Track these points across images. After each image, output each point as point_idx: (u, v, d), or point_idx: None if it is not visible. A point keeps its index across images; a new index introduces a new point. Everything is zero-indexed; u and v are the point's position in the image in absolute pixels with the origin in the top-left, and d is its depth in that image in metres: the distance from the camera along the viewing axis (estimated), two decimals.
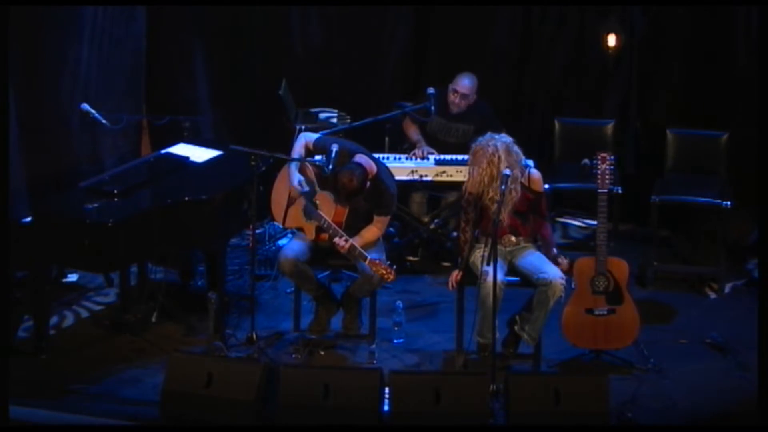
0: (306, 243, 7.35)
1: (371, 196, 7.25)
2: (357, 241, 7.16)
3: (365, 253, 7.08)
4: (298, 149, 7.42)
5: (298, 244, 7.36)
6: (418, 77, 9.13)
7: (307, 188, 7.34)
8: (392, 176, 7.49)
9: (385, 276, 7.04)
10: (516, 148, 7.05)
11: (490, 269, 6.77)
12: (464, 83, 8.34)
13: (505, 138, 7.07)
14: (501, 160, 6.95)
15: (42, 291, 7.18)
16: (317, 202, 7.36)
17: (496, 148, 6.98)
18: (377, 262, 7.06)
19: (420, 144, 8.42)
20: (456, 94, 8.34)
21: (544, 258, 7.13)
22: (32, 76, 7.88)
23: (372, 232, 7.30)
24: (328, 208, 7.29)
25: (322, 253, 7.38)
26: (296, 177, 7.34)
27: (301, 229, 7.42)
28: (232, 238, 8.04)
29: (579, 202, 9.11)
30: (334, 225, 7.19)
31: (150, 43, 8.83)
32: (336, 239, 7.14)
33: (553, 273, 6.97)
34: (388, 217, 7.41)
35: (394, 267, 7.10)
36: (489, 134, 7.09)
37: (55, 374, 6.92)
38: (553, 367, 7.10)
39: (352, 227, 7.27)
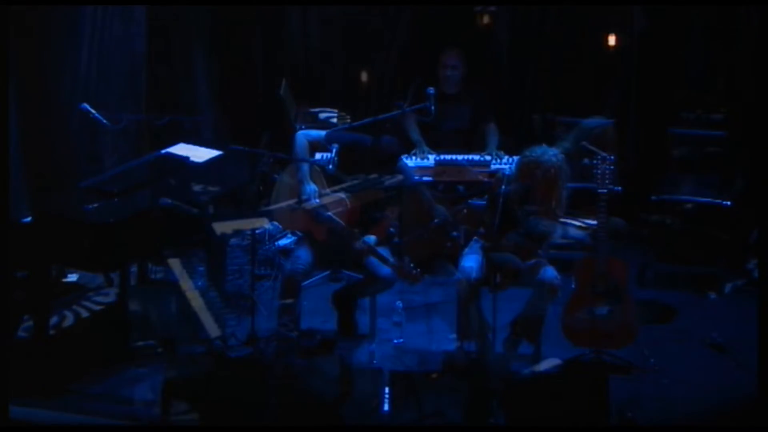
0: (312, 252, 7.21)
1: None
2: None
3: (387, 257, 6.94)
4: (301, 154, 7.30)
5: (306, 255, 7.18)
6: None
7: (317, 200, 7.25)
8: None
9: (411, 280, 6.86)
10: (566, 166, 7.00)
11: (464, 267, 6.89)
12: (450, 54, 8.49)
13: (561, 154, 6.98)
14: (559, 175, 6.90)
15: (42, 291, 7.18)
16: (327, 204, 7.26)
17: (552, 164, 6.89)
18: (401, 266, 6.85)
19: (420, 144, 8.42)
20: (446, 68, 8.45)
21: (541, 259, 7.13)
22: (32, 76, 7.88)
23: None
24: (339, 212, 7.20)
25: (329, 255, 7.31)
26: (310, 187, 7.21)
27: (309, 232, 7.28)
28: (231, 238, 8.04)
29: (578, 202, 9.10)
30: (349, 228, 7.06)
31: (150, 43, 8.83)
32: (356, 244, 6.98)
33: (548, 273, 6.98)
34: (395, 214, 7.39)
35: (418, 270, 6.87)
36: (543, 147, 6.98)
37: (55, 374, 6.91)
38: (553, 367, 7.10)
39: (363, 229, 7.19)
